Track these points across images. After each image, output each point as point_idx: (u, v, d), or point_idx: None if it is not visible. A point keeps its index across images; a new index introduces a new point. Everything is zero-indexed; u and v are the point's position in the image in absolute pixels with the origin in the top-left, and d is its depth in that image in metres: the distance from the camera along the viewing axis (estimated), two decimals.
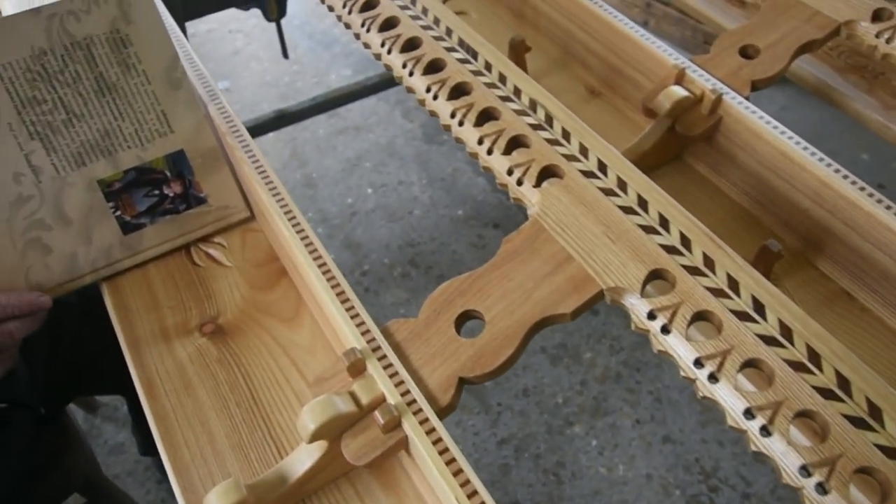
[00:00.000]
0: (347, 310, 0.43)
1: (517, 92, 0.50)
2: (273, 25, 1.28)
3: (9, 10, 0.80)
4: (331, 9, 0.62)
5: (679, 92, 0.57)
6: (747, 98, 0.58)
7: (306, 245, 0.46)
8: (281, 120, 1.37)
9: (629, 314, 0.41)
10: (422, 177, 1.61)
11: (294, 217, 0.48)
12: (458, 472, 0.36)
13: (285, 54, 1.30)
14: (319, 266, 0.45)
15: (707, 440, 1.21)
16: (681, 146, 0.62)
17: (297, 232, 0.47)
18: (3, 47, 0.45)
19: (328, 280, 0.44)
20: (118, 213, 0.51)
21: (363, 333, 0.42)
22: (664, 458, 1.19)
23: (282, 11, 1.15)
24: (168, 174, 0.52)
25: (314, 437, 0.39)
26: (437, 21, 0.56)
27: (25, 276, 0.49)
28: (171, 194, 0.52)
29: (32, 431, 0.70)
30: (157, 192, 0.52)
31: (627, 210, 0.43)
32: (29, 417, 0.69)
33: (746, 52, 0.61)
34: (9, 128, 0.47)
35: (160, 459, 0.43)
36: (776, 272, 0.54)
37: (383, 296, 1.40)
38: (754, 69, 0.59)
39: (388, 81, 1.52)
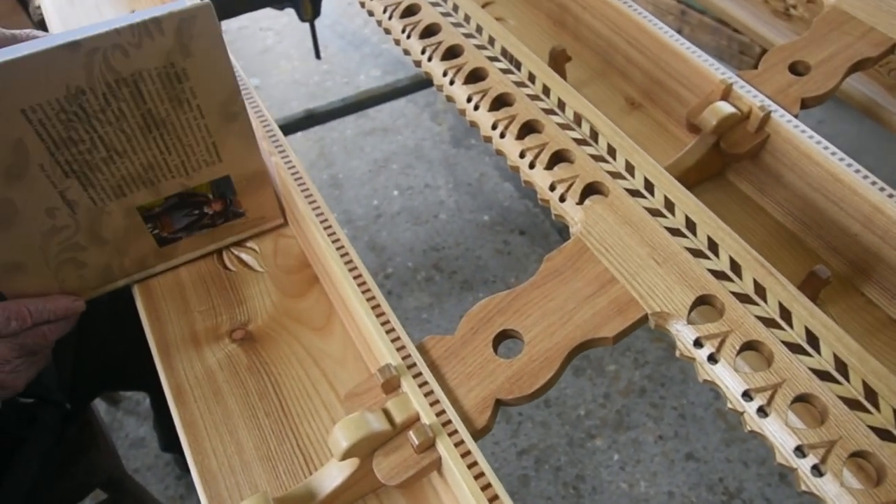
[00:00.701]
0: (383, 324, 0.42)
1: (561, 105, 0.49)
2: (303, 24, 1.27)
3: (50, 12, 0.81)
4: (371, 13, 0.61)
5: (725, 108, 0.55)
6: (796, 116, 0.56)
7: (342, 256, 0.45)
8: (310, 119, 1.37)
9: (674, 340, 0.39)
10: (448, 180, 1.60)
11: (330, 227, 0.47)
12: (494, 499, 0.35)
13: (318, 55, 1.30)
14: (355, 278, 0.44)
15: (731, 459, 1.18)
16: (724, 163, 0.60)
17: (333, 242, 0.46)
18: (32, 87, 0.39)
19: (364, 293, 0.43)
20: (156, 231, 0.50)
21: (398, 349, 0.41)
22: (687, 475, 1.17)
23: (316, 12, 1.14)
24: (210, 196, 0.51)
25: (346, 455, 0.38)
26: (479, 29, 0.55)
27: (60, 286, 0.49)
28: (211, 212, 0.52)
29: (58, 427, 0.70)
30: (196, 211, 0.51)
31: (675, 232, 0.42)
32: (55, 413, 0.69)
33: (796, 69, 0.59)
34: (40, 168, 0.43)
35: (180, 455, 0.43)
36: (820, 297, 0.52)
37: (406, 299, 1.39)
38: (804, 87, 0.57)
39: (418, 84, 1.51)
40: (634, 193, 0.44)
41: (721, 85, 0.57)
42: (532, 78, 0.51)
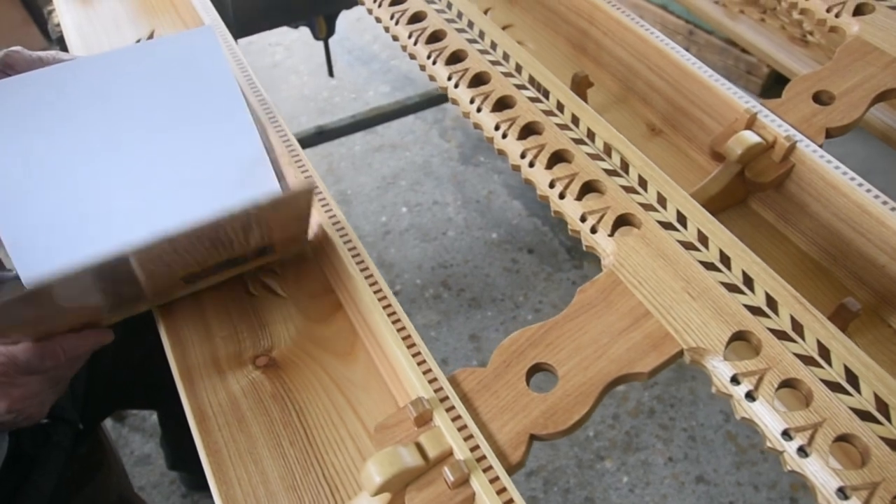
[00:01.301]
0: (414, 356, 0.42)
1: (590, 135, 0.49)
2: (312, 40, 1.27)
3: (70, 30, 0.81)
4: (395, 38, 0.61)
5: (751, 138, 0.55)
6: (821, 146, 0.56)
7: (371, 285, 0.45)
8: (321, 136, 1.37)
9: (710, 376, 0.39)
10: (457, 198, 1.60)
11: (359, 254, 0.47)
12: None
13: (331, 73, 1.30)
14: (385, 308, 0.44)
15: (742, 483, 1.17)
16: (747, 192, 0.60)
17: (362, 271, 0.46)
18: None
19: (394, 323, 0.43)
20: (187, 275, 0.50)
21: (430, 382, 0.40)
22: (697, 499, 1.16)
23: (331, 30, 1.15)
24: (248, 256, 0.51)
25: (379, 491, 0.37)
26: (506, 56, 0.55)
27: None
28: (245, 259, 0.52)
29: (70, 447, 0.69)
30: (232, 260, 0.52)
31: (709, 266, 0.42)
32: (68, 433, 0.68)
33: (820, 99, 0.59)
34: None
35: (187, 474, 0.42)
36: (848, 329, 0.52)
37: (414, 317, 1.38)
38: (829, 116, 0.57)
39: (428, 101, 1.52)
40: (667, 226, 0.44)
41: (746, 114, 0.57)
42: (560, 107, 0.51)
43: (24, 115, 0.48)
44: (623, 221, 0.45)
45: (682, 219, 0.44)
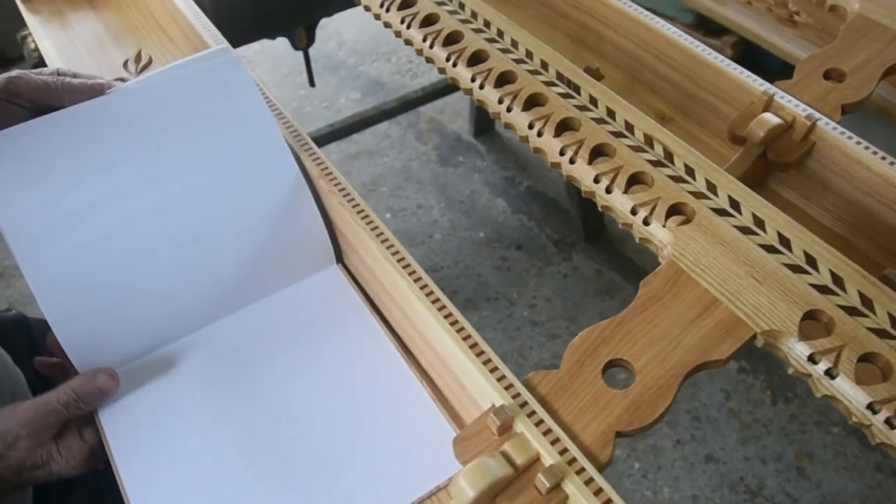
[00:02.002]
0: (485, 363, 0.41)
1: (629, 127, 0.49)
2: (275, 50, 1.25)
3: (50, 51, 0.78)
4: (408, 42, 0.60)
5: (772, 119, 0.56)
6: (839, 123, 0.57)
7: (427, 295, 0.44)
8: None
9: (786, 358, 0.39)
10: (440, 200, 1.60)
11: (409, 265, 0.46)
12: None
13: (312, 82, 1.28)
14: (446, 317, 0.43)
15: (749, 458, 1.20)
16: (766, 172, 0.61)
17: (416, 281, 0.45)
18: None
19: (458, 332, 0.42)
20: None
21: (506, 388, 0.40)
22: (708, 478, 1.18)
23: (311, 40, 1.13)
24: None
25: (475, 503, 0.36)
26: (529, 54, 0.55)
27: None
28: None
29: (95, 490, 0.66)
30: None
31: (769, 249, 0.42)
32: (93, 476, 0.66)
33: (831, 77, 0.60)
34: None
35: None
36: None
37: None
38: (843, 93, 0.59)
39: (405, 104, 1.51)
40: (720, 212, 0.44)
41: (763, 96, 0.58)
42: (594, 101, 0.51)
43: (55, 156, 0.46)
44: (674, 211, 0.45)
45: (734, 204, 0.44)
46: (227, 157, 0.48)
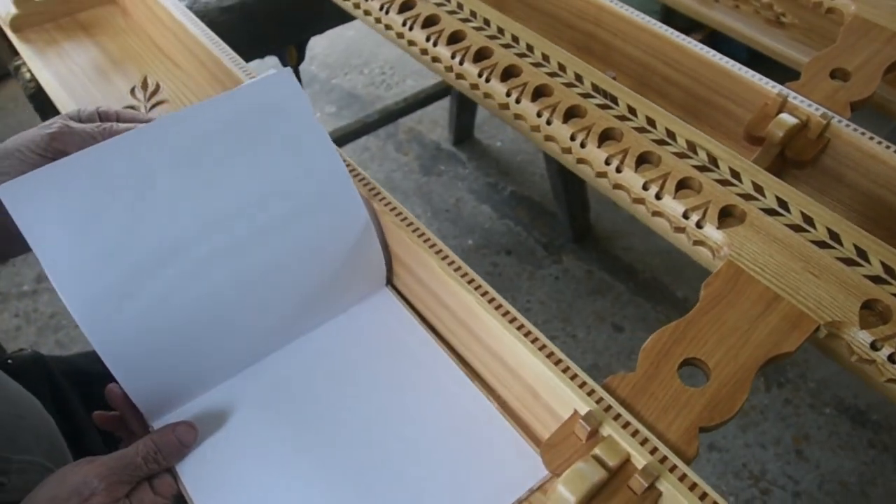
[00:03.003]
0: (564, 371, 0.42)
1: (671, 135, 0.51)
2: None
3: (49, 80, 0.76)
4: (436, 59, 0.61)
5: (790, 120, 0.59)
6: (850, 120, 0.60)
7: (497, 308, 0.45)
8: None
9: (848, 345, 0.42)
10: (426, 209, 1.60)
11: (473, 280, 0.47)
12: None
13: None
14: (518, 328, 0.44)
15: (750, 444, 1.24)
16: (782, 170, 0.64)
17: (483, 295, 0.46)
18: None
19: (533, 342, 0.43)
20: None
21: (588, 394, 0.41)
22: (713, 466, 1.21)
23: (301, 57, 1.12)
24: None
25: None
26: (562, 68, 0.56)
27: None
28: None
29: None
30: None
31: (821, 244, 0.44)
32: None
33: (837, 76, 0.63)
34: None
35: None
36: None
37: None
38: (850, 91, 0.62)
39: (387, 117, 1.51)
40: (770, 212, 0.46)
41: (778, 98, 0.61)
42: (632, 111, 0.52)
43: (110, 202, 0.43)
44: (725, 213, 0.47)
45: (782, 203, 0.46)
46: (293, 189, 0.47)
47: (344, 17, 1.04)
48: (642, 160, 0.50)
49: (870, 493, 1.16)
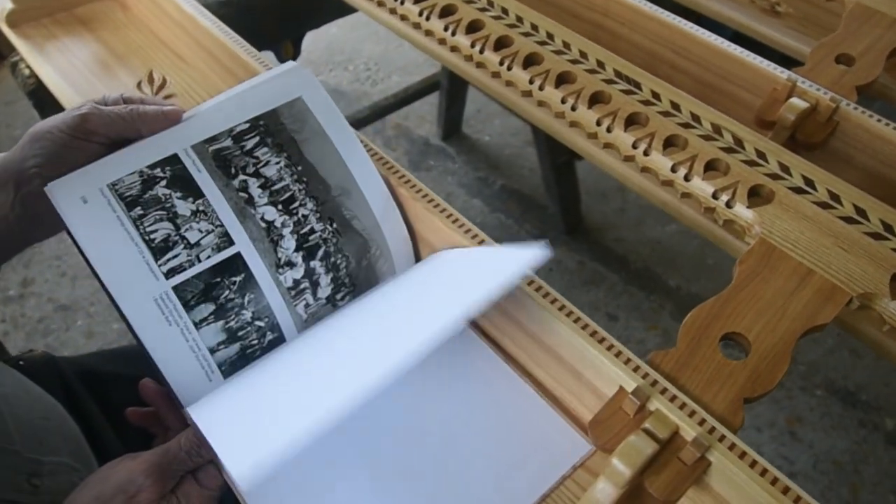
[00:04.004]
0: (608, 349, 0.43)
1: (695, 118, 0.52)
2: None
3: (51, 75, 0.75)
4: (454, 49, 0.62)
5: (801, 104, 0.60)
6: (857, 103, 0.62)
7: (537, 290, 0.46)
8: None
9: (879, 316, 0.43)
10: None
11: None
12: (786, 491, 0.37)
13: None
14: (560, 309, 0.45)
15: (745, 427, 1.25)
16: (791, 152, 0.66)
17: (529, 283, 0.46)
18: None
19: (574, 321, 0.44)
20: None
21: (634, 370, 0.42)
22: None
23: (297, 52, 1.12)
24: None
25: (629, 483, 0.38)
26: (584, 55, 0.57)
27: None
28: None
29: None
30: None
31: (848, 220, 0.46)
32: None
33: (842, 61, 0.65)
34: None
35: None
36: None
37: None
38: (855, 76, 0.64)
39: (377, 112, 1.51)
40: (797, 191, 0.48)
41: (788, 83, 0.62)
42: (656, 95, 0.53)
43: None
44: (753, 192, 0.48)
45: (808, 182, 0.48)
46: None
47: (343, 11, 1.04)
48: (669, 143, 0.51)
49: (862, 472, 1.19)
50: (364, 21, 2.13)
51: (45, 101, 0.87)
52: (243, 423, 0.44)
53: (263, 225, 0.47)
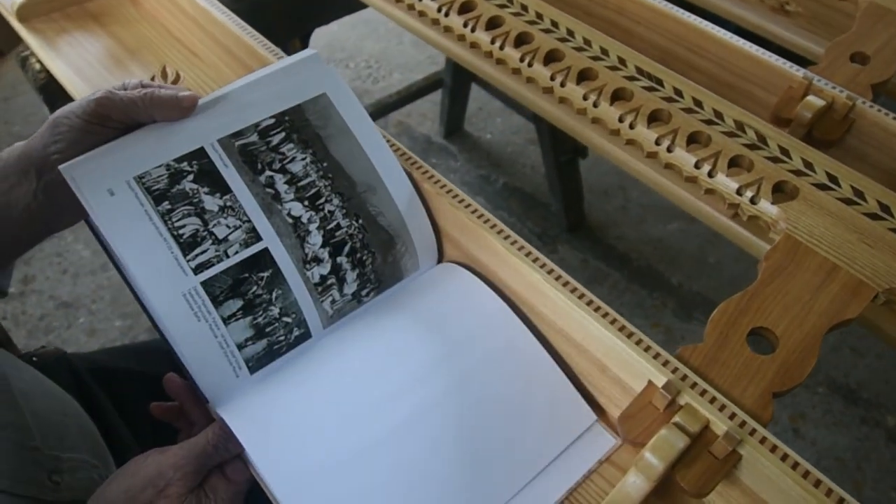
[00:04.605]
0: (637, 343, 0.43)
1: (718, 115, 0.52)
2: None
3: (64, 70, 0.74)
4: (474, 44, 0.62)
5: (818, 102, 0.61)
6: (873, 101, 0.63)
7: (564, 285, 0.46)
8: None
9: None
10: None
11: (538, 259, 0.48)
12: (817, 484, 0.38)
13: None
14: (588, 304, 0.45)
15: None
16: None
17: (549, 273, 0.47)
18: None
19: (603, 316, 0.44)
20: None
21: (664, 364, 0.42)
22: None
23: (305, 49, 1.12)
24: None
25: (662, 477, 0.39)
26: (605, 51, 0.57)
27: None
28: None
29: None
30: None
31: (872, 216, 0.46)
32: None
33: (857, 60, 0.66)
34: None
35: None
36: None
37: None
38: (870, 74, 0.64)
39: (382, 109, 1.51)
40: (821, 187, 0.48)
41: (804, 81, 0.63)
42: (679, 92, 0.54)
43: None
44: (776, 189, 0.49)
45: (832, 178, 0.48)
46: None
47: (352, 7, 1.04)
48: (691, 140, 0.52)
49: (864, 468, 1.20)
50: (364, 19, 2.12)
51: (55, 97, 0.86)
52: (272, 420, 0.44)
53: (290, 221, 0.47)
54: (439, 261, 0.54)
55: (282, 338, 0.46)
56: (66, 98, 0.82)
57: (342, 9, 1.04)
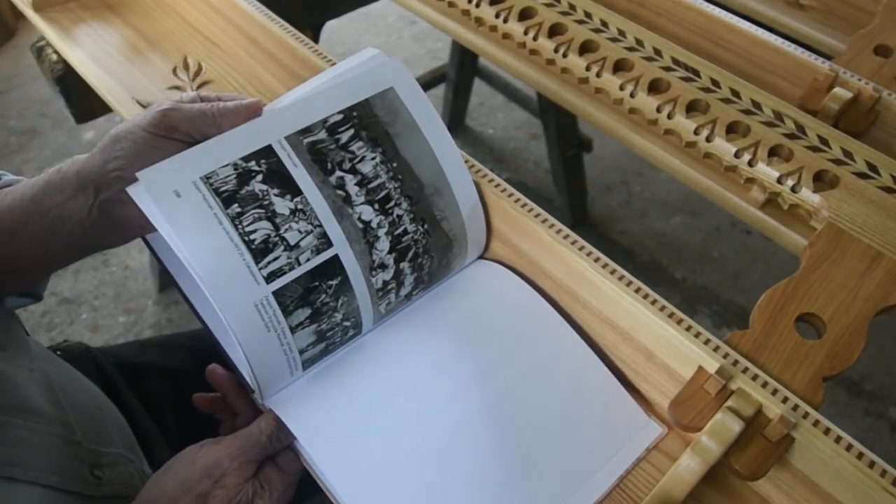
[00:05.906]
0: (687, 329, 0.44)
1: (756, 105, 0.53)
2: None
3: (87, 64, 0.73)
4: (506, 36, 0.62)
5: (845, 94, 0.62)
6: None
7: (612, 273, 0.46)
8: None
9: None
10: None
11: (584, 248, 0.48)
12: (871, 465, 0.38)
13: None
14: (636, 291, 0.45)
15: None
16: None
17: (596, 261, 0.47)
18: None
19: (652, 303, 0.45)
20: None
21: (714, 350, 0.43)
22: None
23: (316, 42, 1.11)
24: None
25: (718, 460, 0.39)
26: (640, 42, 0.58)
27: None
28: None
29: None
30: None
31: None
32: None
33: (879, 53, 0.67)
34: None
35: None
36: None
37: None
38: (894, 67, 0.65)
39: None
40: (861, 176, 0.49)
41: (830, 73, 0.63)
42: (716, 83, 0.54)
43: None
44: (816, 178, 0.49)
45: (872, 167, 0.49)
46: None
47: (361, 2, 1.04)
48: (729, 130, 0.52)
49: None
50: (363, 13, 2.12)
51: (72, 88, 0.85)
52: (322, 412, 0.44)
53: (360, 225, 0.44)
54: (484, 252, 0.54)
55: (337, 339, 0.45)
56: (83, 88, 0.81)
57: (355, 1, 1.04)
